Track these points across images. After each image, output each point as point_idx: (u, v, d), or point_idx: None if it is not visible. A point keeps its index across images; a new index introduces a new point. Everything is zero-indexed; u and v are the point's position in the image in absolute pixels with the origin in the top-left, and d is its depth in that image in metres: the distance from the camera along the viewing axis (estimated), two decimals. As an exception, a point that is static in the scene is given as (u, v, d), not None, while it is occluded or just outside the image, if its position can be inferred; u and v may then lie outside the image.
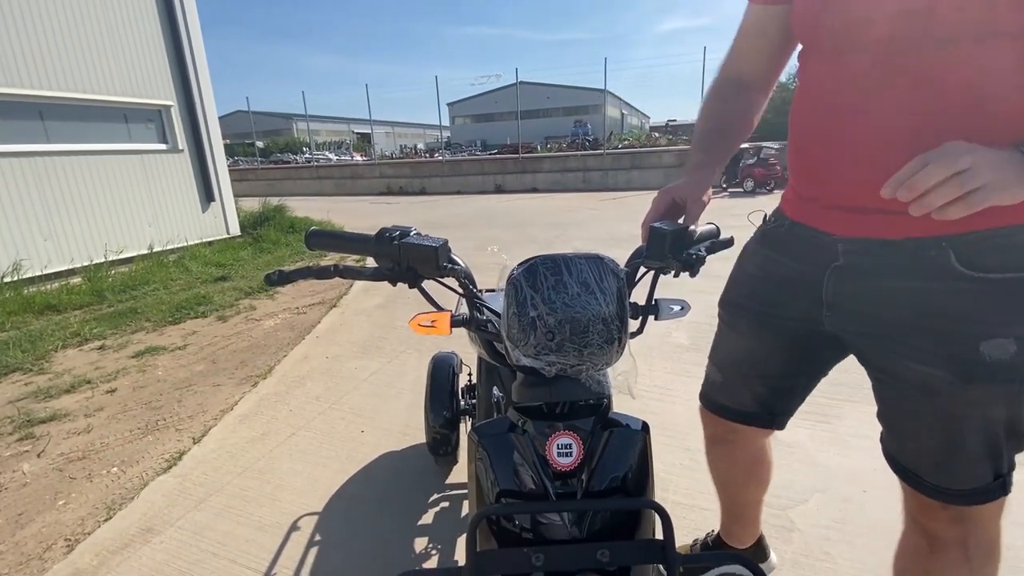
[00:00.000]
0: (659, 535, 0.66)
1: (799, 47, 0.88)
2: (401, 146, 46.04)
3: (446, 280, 0.80)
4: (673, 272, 0.76)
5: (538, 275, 0.66)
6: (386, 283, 0.74)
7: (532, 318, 0.65)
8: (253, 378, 2.92)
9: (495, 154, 20.50)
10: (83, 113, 5.66)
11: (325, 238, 0.76)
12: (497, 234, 7.50)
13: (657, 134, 28.26)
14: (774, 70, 0.96)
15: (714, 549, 1.43)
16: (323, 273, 0.72)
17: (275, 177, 18.12)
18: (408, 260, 0.71)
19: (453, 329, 0.76)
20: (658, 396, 2.48)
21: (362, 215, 10.41)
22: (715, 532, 1.46)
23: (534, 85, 40.92)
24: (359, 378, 2.83)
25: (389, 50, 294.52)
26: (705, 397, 1.17)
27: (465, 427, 1.87)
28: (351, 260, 5.73)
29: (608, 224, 8.03)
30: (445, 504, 1.78)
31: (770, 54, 0.94)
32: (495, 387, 1.47)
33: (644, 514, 0.70)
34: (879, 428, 0.91)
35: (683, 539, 1.54)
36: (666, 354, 2.95)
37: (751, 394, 1.06)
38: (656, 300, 0.77)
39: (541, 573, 0.61)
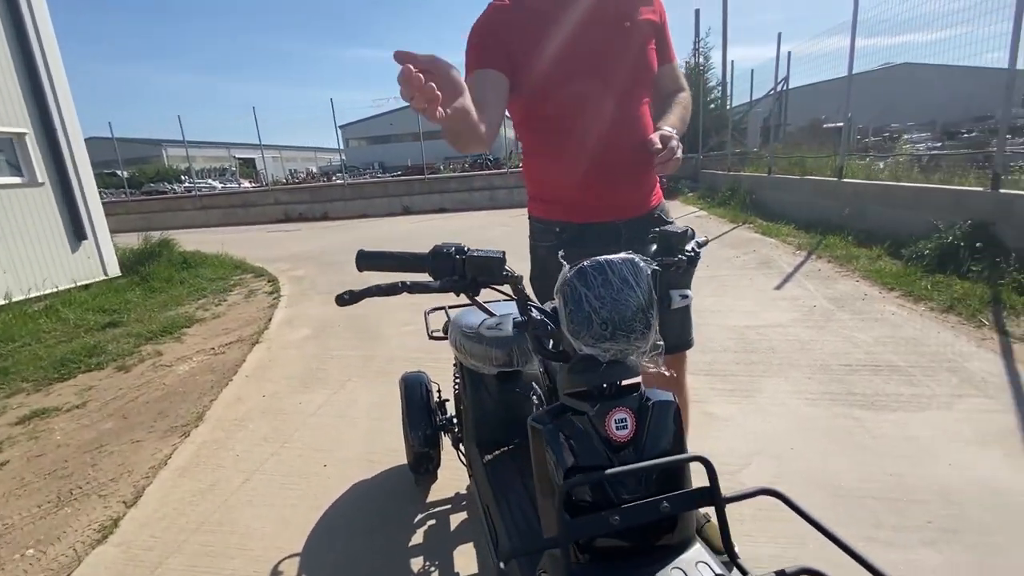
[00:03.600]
0: (696, 484, 0.78)
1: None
2: (291, 170, 43.60)
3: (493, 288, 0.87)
4: (676, 268, 0.90)
5: (588, 276, 0.76)
6: (310, 313, 0.80)
7: (588, 312, 0.75)
8: (180, 428, 2.65)
9: (400, 175, 20.23)
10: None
11: (375, 259, 0.80)
12: (415, 255, 7.44)
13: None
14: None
15: None
16: (391, 290, 0.76)
17: (152, 209, 16.28)
18: (473, 272, 0.78)
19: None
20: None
21: (263, 244, 9.72)
22: None
23: (429, 107, 40.88)
24: (306, 412, 2.69)
25: (266, 70, 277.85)
26: None
27: (445, 443, 1.89)
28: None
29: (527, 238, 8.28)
30: (432, 522, 1.79)
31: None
32: (477, 395, 1.53)
33: (684, 469, 0.82)
34: (792, 397, 1.12)
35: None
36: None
37: None
38: (669, 291, 0.91)
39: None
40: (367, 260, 0.81)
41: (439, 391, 1.97)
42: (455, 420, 1.84)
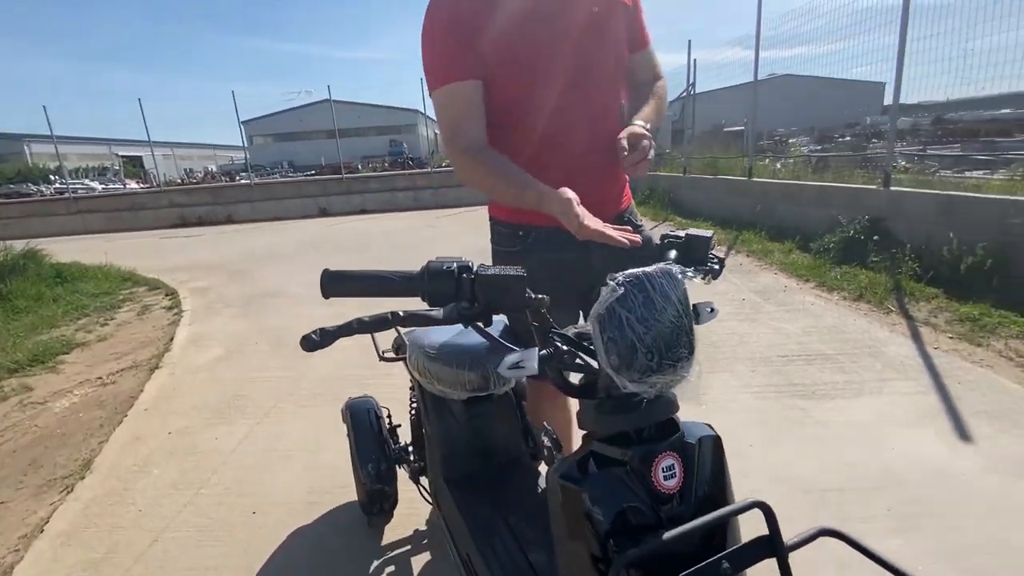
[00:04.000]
0: (737, 535, 0.68)
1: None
2: (187, 170, 39.64)
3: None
4: (702, 277, 0.79)
5: (628, 294, 0.62)
6: (221, 330, 0.62)
7: (631, 340, 0.60)
8: (61, 481, 2.18)
9: (313, 175, 19.04)
10: None
11: (347, 282, 0.60)
12: (344, 260, 6.95)
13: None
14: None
15: None
16: (378, 324, 0.57)
17: (11, 215, 13.94)
18: (485, 296, 0.60)
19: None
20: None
21: (158, 252, 8.61)
22: None
23: (344, 103, 39.14)
24: (224, 450, 2.33)
25: (158, 60, 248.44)
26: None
27: (401, 475, 1.67)
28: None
29: (459, 239, 8.00)
30: (392, 568, 1.57)
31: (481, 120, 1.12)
32: (438, 421, 1.35)
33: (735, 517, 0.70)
34: (741, 392, 1.06)
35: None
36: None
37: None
38: (695, 305, 0.80)
39: None
40: (336, 283, 0.61)
41: (389, 416, 1.75)
42: (411, 449, 1.64)
